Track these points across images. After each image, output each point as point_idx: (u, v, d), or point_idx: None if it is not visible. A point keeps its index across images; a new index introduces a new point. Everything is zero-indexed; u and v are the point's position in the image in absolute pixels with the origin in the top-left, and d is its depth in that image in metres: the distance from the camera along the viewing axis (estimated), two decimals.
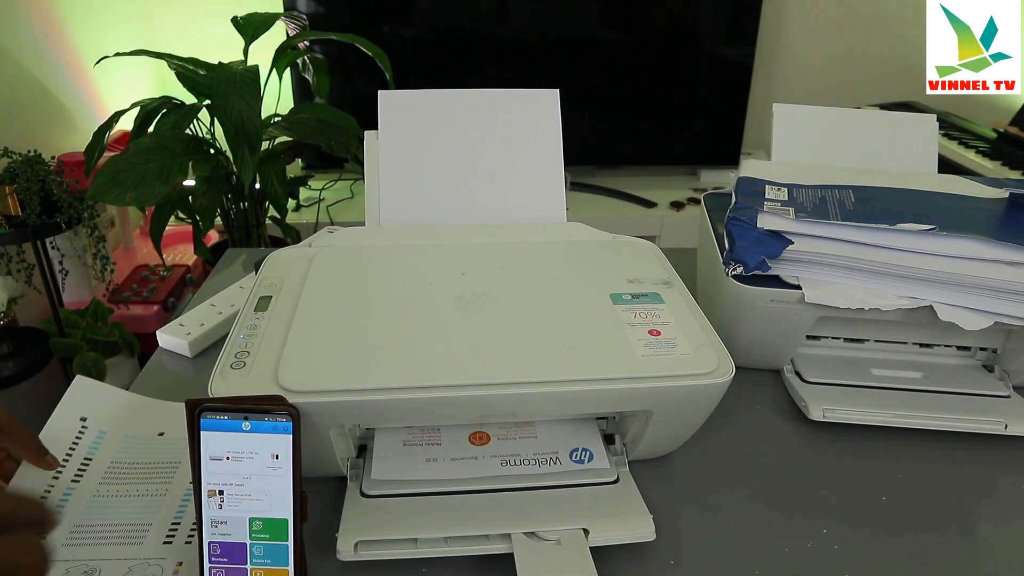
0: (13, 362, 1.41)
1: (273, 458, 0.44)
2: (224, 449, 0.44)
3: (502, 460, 0.55)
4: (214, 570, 0.44)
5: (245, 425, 0.44)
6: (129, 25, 2.01)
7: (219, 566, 0.44)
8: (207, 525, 0.44)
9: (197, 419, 0.44)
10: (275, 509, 0.44)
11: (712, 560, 0.52)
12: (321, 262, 0.63)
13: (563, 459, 0.56)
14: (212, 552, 0.44)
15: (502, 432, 0.58)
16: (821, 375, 0.69)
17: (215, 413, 0.44)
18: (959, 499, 0.58)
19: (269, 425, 0.44)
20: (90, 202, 1.39)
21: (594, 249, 0.67)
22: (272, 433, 0.44)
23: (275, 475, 0.44)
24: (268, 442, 0.44)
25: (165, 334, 0.76)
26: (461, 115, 0.73)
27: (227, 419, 0.44)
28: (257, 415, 0.44)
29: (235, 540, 0.44)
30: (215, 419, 0.44)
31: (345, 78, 2.04)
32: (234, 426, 0.44)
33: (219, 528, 0.44)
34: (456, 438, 0.58)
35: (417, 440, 0.57)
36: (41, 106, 1.63)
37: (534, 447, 0.57)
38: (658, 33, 2.20)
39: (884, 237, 0.65)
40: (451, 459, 0.56)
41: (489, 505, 0.53)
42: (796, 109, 0.84)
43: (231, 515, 0.44)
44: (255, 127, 1.35)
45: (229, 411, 0.44)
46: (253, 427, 0.44)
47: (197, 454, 0.44)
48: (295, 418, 0.44)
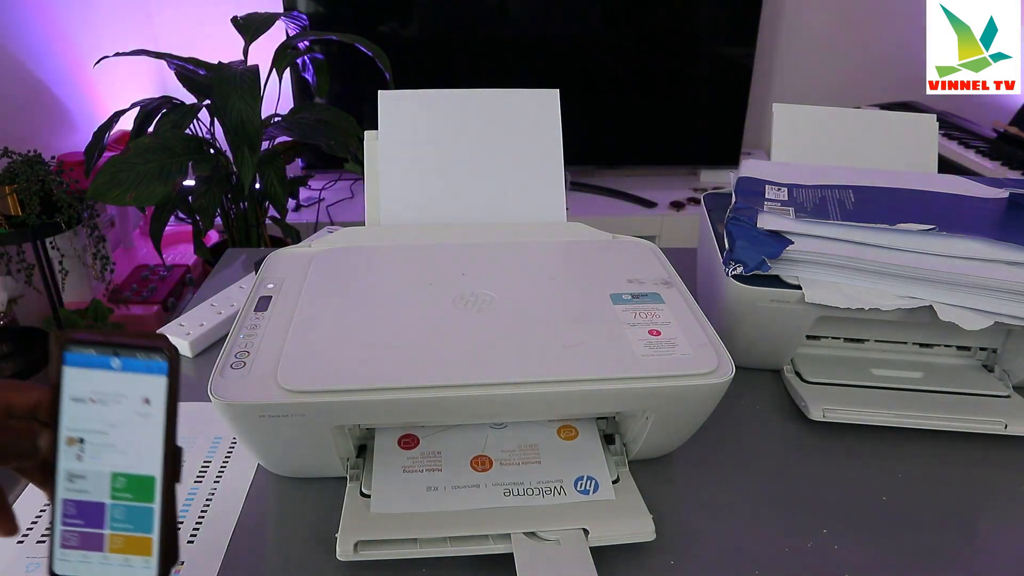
0: (13, 362, 1.41)
1: (144, 403, 0.38)
2: (88, 389, 0.38)
3: (505, 489, 0.53)
4: (66, 534, 0.38)
5: (114, 362, 0.38)
6: (129, 25, 2.01)
7: (73, 528, 0.38)
8: (62, 478, 0.38)
9: (61, 352, 0.38)
10: (141, 465, 0.38)
11: (712, 560, 0.52)
12: (321, 262, 0.63)
13: (568, 488, 0.53)
14: (66, 512, 0.38)
15: (505, 456, 0.56)
16: (821, 375, 0.69)
17: (81, 347, 0.37)
18: (959, 499, 0.58)
19: (142, 364, 0.38)
20: (90, 202, 1.40)
21: (594, 249, 0.67)
22: (145, 373, 0.38)
23: (145, 424, 0.38)
24: (139, 383, 0.38)
25: (165, 334, 0.76)
26: (461, 115, 0.73)
27: (94, 354, 0.38)
28: (128, 351, 0.38)
29: (93, 499, 0.38)
30: (81, 353, 0.38)
31: (345, 78, 2.04)
32: (102, 363, 0.38)
33: (76, 483, 0.38)
34: (457, 463, 0.55)
35: (417, 466, 0.55)
36: (41, 106, 1.63)
37: (538, 474, 0.54)
38: (658, 33, 2.20)
39: (884, 237, 0.65)
40: (452, 487, 0.53)
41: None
42: (796, 109, 0.84)
43: (91, 468, 0.38)
44: (255, 127, 1.35)
45: (98, 344, 0.38)
46: (123, 365, 0.38)
47: (58, 393, 0.38)
48: (172, 358, 0.38)
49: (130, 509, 0.38)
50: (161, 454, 0.38)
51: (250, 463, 0.59)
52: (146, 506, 0.38)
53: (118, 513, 0.38)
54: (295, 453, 0.54)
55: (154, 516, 0.38)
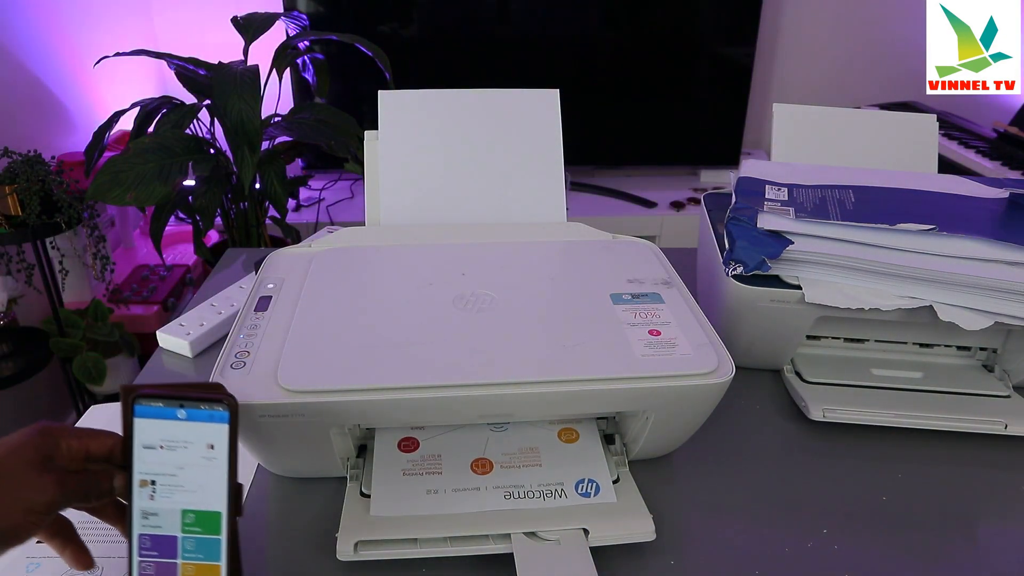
0: (13, 362, 1.40)
1: (208, 448, 0.42)
2: (158, 437, 0.42)
3: (505, 492, 0.53)
4: (143, 563, 0.43)
5: (180, 413, 0.42)
6: (129, 25, 2.01)
7: (149, 559, 0.43)
8: (137, 516, 0.42)
9: (131, 406, 0.42)
10: (208, 502, 0.42)
11: (712, 560, 0.52)
12: (321, 262, 0.63)
13: (568, 491, 0.53)
14: (142, 545, 0.43)
15: (505, 460, 0.56)
16: (821, 375, 0.69)
17: (150, 400, 0.42)
18: (959, 499, 0.58)
19: (205, 414, 0.42)
20: (90, 202, 1.39)
21: (594, 249, 0.67)
22: (208, 422, 0.42)
23: (210, 466, 0.42)
24: (204, 431, 0.42)
25: (165, 334, 0.76)
26: (461, 115, 0.73)
27: (162, 406, 0.42)
28: (193, 403, 0.42)
29: (166, 533, 0.43)
30: (150, 406, 0.42)
31: (345, 78, 2.04)
32: (169, 414, 0.42)
33: (150, 520, 0.42)
34: (458, 466, 0.55)
35: (417, 469, 0.55)
36: (41, 106, 1.63)
37: (538, 477, 0.54)
38: (658, 33, 2.19)
39: (884, 237, 0.65)
40: (453, 490, 0.53)
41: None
42: (796, 109, 0.84)
43: (163, 507, 0.42)
44: (255, 127, 1.35)
45: (164, 398, 0.42)
46: (189, 415, 0.42)
47: (129, 442, 0.42)
48: (232, 408, 0.42)
49: (199, 541, 0.43)
50: (225, 492, 0.43)
51: (250, 463, 0.58)
52: (214, 538, 0.43)
53: (189, 545, 0.43)
54: (295, 453, 0.54)
55: (221, 546, 0.43)
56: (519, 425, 0.58)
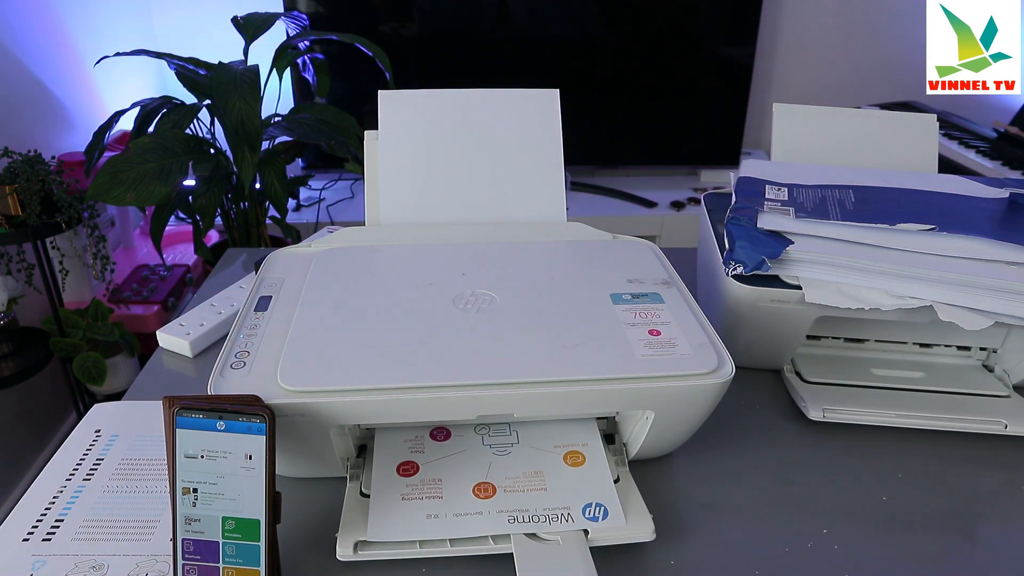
0: (13, 362, 1.40)
1: (247, 458, 0.44)
2: (199, 447, 0.44)
3: (509, 516, 0.50)
4: (187, 567, 0.45)
5: (220, 424, 0.44)
6: (129, 25, 2.01)
7: (192, 563, 0.45)
8: (181, 522, 0.45)
9: (173, 417, 0.44)
10: (248, 509, 0.45)
11: (712, 560, 0.52)
12: (321, 262, 0.63)
13: (576, 515, 0.51)
14: (185, 549, 0.45)
15: (509, 484, 0.53)
16: (821, 375, 0.69)
17: (191, 412, 0.44)
18: (959, 499, 0.58)
19: (243, 425, 0.44)
20: (90, 202, 1.40)
21: (594, 249, 0.67)
22: (246, 434, 0.44)
23: (248, 475, 0.44)
24: (242, 442, 0.44)
25: (165, 334, 0.76)
26: (461, 115, 0.73)
27: (202, 418, 0.44)
28: (232, 415, 0.44)
29: (208, 538, 0.45)
30: (191, 417, 0.44)
31: (345, 78, 2.04)
32: (209, 425, 0.44)
33: (192, 526, 0.45)
34: (459, 490, 0.53)
35: (416, 494, 0.52)
36: (41, 106, 1.63)
37: (544, 501, 0.52)
38: (658, 33, 2.20)
39: (884, 237, 0.65)
40: (454, 515, 0.51)
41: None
42: (796, 109, 0.84)
43: (204, 513, 0.45)
44: (255, 127, 1.35)
45: (205, 410, 0.44)
46: (228, 427, 0.44)
47: (173, 452, 0.44)
48: (270, 419, 0.45)
49: (240, 547, 0.45)
50: (264, 501, 0.45)
51: None
52: (253, 544, 0.45)
53: (230, 550, 0.45)
54: (295, 453, 0.54)
55: (260, 552, 0.45)
56: (523, 448, 0.57)
